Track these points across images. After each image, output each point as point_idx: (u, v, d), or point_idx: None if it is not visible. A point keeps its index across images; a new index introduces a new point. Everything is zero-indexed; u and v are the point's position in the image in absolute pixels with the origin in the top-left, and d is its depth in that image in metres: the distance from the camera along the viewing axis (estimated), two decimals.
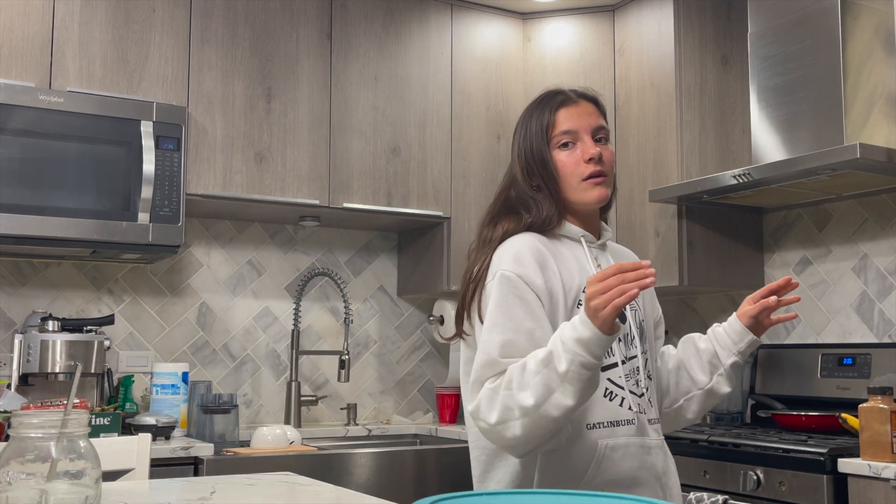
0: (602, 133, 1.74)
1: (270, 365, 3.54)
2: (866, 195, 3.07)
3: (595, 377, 1.47)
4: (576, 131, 1.71)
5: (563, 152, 1.71)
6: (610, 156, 1.73)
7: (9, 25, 2.85)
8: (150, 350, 3.32)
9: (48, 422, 1.13)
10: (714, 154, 3.37)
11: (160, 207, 2.92)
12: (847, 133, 2.74)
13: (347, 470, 2.85)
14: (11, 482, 1.10)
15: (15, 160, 2.74)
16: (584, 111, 1.74)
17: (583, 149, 1.70)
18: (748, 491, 2.54)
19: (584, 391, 1.47)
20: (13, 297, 3.11)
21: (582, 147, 1.71)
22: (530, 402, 1.46)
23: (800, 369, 3.12)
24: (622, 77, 3.57)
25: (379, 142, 3.41)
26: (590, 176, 1.70)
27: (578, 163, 1.70)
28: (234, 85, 3.17)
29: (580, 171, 1.70)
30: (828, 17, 2.83)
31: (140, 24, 3.04)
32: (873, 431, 2.33)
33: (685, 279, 3.26)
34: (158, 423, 2.85)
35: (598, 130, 1.73)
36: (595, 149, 1.70)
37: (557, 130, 1.72)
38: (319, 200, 3.26)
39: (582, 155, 1.70)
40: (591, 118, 1.73)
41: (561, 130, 1.72)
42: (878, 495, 2.27)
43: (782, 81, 2.96)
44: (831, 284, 3.17)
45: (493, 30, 3.68)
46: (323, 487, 1.66)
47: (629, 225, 3.49)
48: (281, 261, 3.60)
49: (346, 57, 3.38)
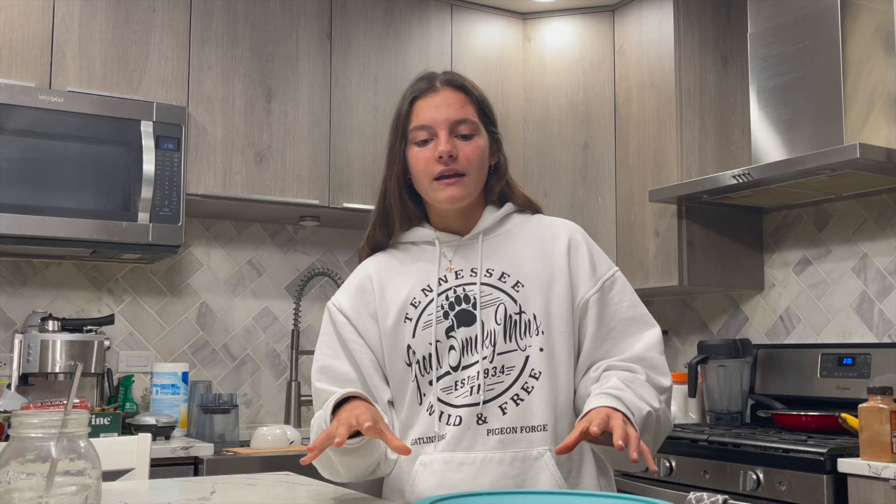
0: (464, 127, 1.57)
1: (270, 365, 3.54)
2: (866, 195, 3.07)
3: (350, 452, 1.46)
4: (431, 126, 1.57)
5: (416, 149, 1.58)
6: (471, 152, 1.57)
7: (9, 25, 2.85)
8: (150, 350, 3.32)
9: (48, 422, 1.12)
10: (714, 154, 3.37)
11: (160, 207, 2.92)
12: (847, 133, 2.74)
13: None
14: (11, 482, 1.10)
15: (15, 160, 2.74)
16: (444, 102, 1.57)
17: (435, 145, 1.56)
18: (748, 491, 2.54)
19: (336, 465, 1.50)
20: (13, 297, 3.11)
21: (435, 143, 1.56)
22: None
23: (800, 369, 3.12)
24: (622, 77, 3.57)
25: (379, 142, 3.41)
26: (440, 176, 1.56)
27: (430, 161, 1.56)
28: (234, 85, 3.17)
29: (430, 170, 1.56)
30: (827, 17, 2.83)
31: (140, 24, 3.04)
32: (873, 431, 2.33)
33: (685, 279, 3.26)
34: (158, 423, 2.85)
35: (459, 124, 1.57)
36: (446, 146, 1.54)
37: (412, 125, 1.59)
38: (319, 200, 3.26)
39: (434, 153, 1.56)
40: (451, 109, 1.57)
41: (415, 125, 1.58)
42: (878, 495, 2.27)
43: (782, 81, 2.97)
44: (831, 284, 3.17)
45: (493, 30, 3.68)
46: (323, 487, 1.66)
47: (629, 225, 3.49)
48: (281, 261, 3.60)
49: (346, 57, 3.38)
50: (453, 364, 1.54)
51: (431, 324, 1.56)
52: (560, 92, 3.67)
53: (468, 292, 1.57)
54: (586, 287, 1.59)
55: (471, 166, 1.57)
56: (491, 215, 1.64)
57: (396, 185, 1.63)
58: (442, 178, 1.56)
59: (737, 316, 3.50)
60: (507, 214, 1.66)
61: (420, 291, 1.59)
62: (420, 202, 1.66)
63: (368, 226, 1.71)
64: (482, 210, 1.64)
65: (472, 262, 1.60)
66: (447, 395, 1.53)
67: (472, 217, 1.64)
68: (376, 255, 1.70)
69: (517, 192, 1.68)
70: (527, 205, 1.68)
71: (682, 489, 2.72)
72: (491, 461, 1.49)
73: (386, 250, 1.69)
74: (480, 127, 1.61)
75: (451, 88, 1.60)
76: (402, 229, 1.66)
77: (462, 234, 1.63)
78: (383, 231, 1.68)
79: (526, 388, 1.52)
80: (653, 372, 1.55)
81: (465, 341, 1.54)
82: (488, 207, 1.65)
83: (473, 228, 1.63)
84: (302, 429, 3.30)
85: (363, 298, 1.64)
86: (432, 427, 1.53)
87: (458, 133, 1.57)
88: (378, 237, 1.69)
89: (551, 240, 1.62)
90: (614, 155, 3.58)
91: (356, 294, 1.65)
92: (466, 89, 1.61)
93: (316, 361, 1.63)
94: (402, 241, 1.67)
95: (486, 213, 1.64)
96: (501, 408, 1.52)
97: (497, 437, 1.50)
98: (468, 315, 1.56)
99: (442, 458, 1.51)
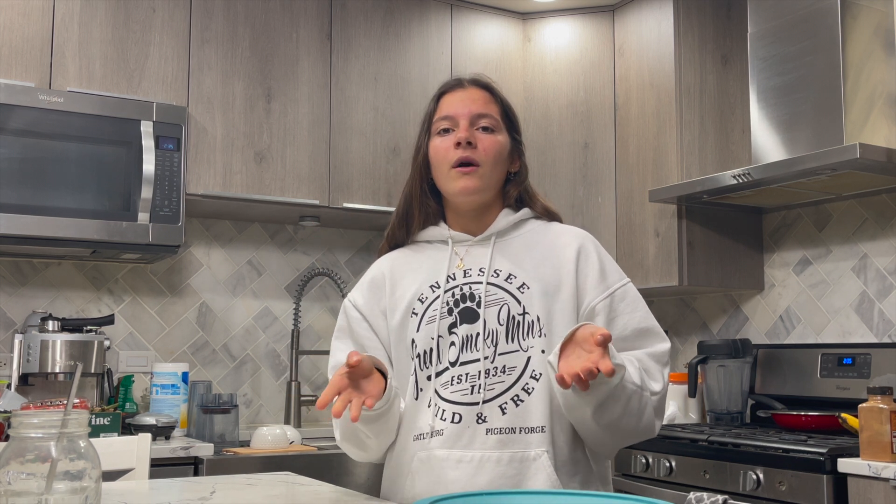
0: (485, 121, 1.61)
1: (270, 365, 3.54)
2: (866, 195, 3.07)
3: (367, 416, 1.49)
4: (454, 116, 1.61)
5: (438, 139, 1.62)
6: (490, 145, 1.59)
7: (9, 25, 2.85)
8: (150, 350, 3.32)
9: (48, 422, 1.12)
10: (714, 154, 3.37)
11: (160, 207, 2.92)
12: (847, 133, 2.74)
13: (347, 470, 2.85)
14: (11, 482, 1.10)
15: (15, 160, 2.74)
16: (469, 97, 1.62)
17: (455, 134, 1.59)
18: (748, 491, 2.54)
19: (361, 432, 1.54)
20: (13, 297, 3.11)
21: (456, 133, 1.60)
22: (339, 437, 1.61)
23: (800, 369, 3.12)
24: (622, 77, 3.57)
25: (379, 142, 3.41)
26: (458, 164, 1.58)
27: (449, 149, 1.59)
28: (234, 85, 3.17)
29: (449, 158, 1.59)
30: (827, 17, 2.83)
31: (140, 24, 3.04)
32: (873, 431, 2.33)
33: (685, 279, 3.26)
34: (158, 423, 2.85)
35: (480, 118, 1.60)
36: (465, 132, 1.58)
37: (437, 116, 1.63)
38: (319, 200, 3.26)
39: (453, 140, 1.59)
40: (475, 104, 1.61)
41: (440, 116, 1.62)
42: (878, 495, 2.27)
43: (782, 81, 2.97)
44: (831, 284, 3.17)
45: (493, 30, 3.68)
46: (323, 487, 1.66)
47: (629, 225, 3.49)
48: (281, 261, 3.60)
49: (346, 57, 3.38)
50: (452, 360, 1.55)
51: (435, 319, 1.57)
52: (560, 92, 3.67)
53: (474, 290, 1.58)
54: (594, 294, 1.59)
55: (487, 158, 1.59)
56: (506, 218, 1.66)
57: (418, 178, 1.66)
58: (459, 165, 1.58)
59: (737, 316, 3.50)
60: (522, 220, 1.67)
61: (428, 288, 1.61)
62: (440, 200, 1.68)
63: (389, 225, 1.73)
64: (498, 213, 1.67)
65: (482, 262, 1.62)
66: (445, 391, 1.54)
67: (488, 219, 1.66)
68: (392, 252, 1.72)
69: (537, 200, 1.70)
70: (545, 213, 1.70)
71: (682, 489, 2.72)
72: (489, 460, 1.50)
73: (401, 248, 1.72)
74: (502, 126, 1.64)
75: (477, 87, 1.65)
76: (420, 227, 1.68)
77: (476, 234, 1.65)
78: (402, 229, 1.70)
79: (526, 389, 1.53)
80: (646, 374, 1.54)
81: (466, 338, 1.55)
82: (504, 210, 1.67)
83: (487, 229, 1.65)
84: (302, 429, 3.30)
85: (375, 295, 1.67)
86: (429, 422, 1.54)
87: (479, 126, 1.61)
88: (398, 235, 1.71)
89: (562, 246, 1.63)
90: (614, 155, 3.58)
91: (369, 290, 1.68)
92: (492, 90, 1.66)
93: (332, 356, 1.67)
94: (418, 239, 1.70)
95: (501, 216, 1.66)
96: (501, 408, 1.52)
97: (496, 436, 1.51)
98: (472, 313, 1.57)
99: (440, 455, 1.52)
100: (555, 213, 1.71)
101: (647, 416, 1.51)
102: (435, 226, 1.68)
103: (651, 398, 1.52)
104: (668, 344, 1.60)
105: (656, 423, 1.54)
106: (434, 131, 1.63)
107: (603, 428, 1.48)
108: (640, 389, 1.48)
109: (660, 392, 1.54)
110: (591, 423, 1.48)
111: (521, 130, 1.70)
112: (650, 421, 1.52)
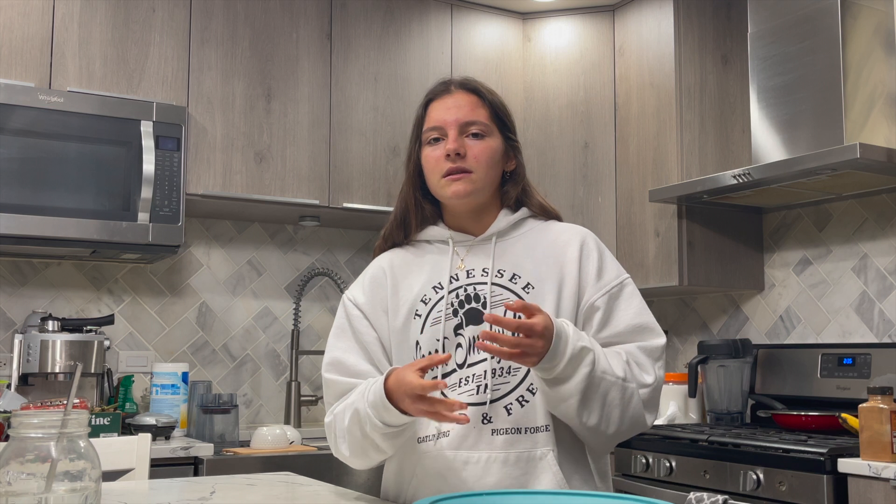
0: (475, 128, 1.61)
1: (270, 365, 3.54)
2: (866, 195, 3.07)
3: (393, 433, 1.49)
4: (442, 126, 1.62)
5: (428, 149, 1.64)
6: (480, 151, 1.60)
7: (9, 25, 2.85)
8: (150, 350, 3.32)
9: (48, 422, 1.12)
10: (714, 154, 3.37)
11: (160, 207, 2.92)
12: (847, 133, 2.74)
13: (347, 470, 2.85)
14: (11, 482, 1.09)
15: (15, 160, 2.74)
16: (456, 104, 1.62)
17: (444, 144, 1.61)
18: (748, 491, 2.54)
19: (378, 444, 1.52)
20: (13, 297, 3.11)
21: (445, 143, 1.61)
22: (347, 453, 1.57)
23: (800, 369, 3.12)
24: (622, 77, 3.57)
25: (379, 142, 3.41)
26: (448, 173, 1.60)
27: (439, 159, 1.61)
28: (234, 85, 3.17)
29: (439, 168, 1.61)
30: (827, 17, 2.83)
31: (140, 24, 3.04)
32: (873, 431, 2.33)
33: (685, 279, 3.26)
34: (158, 423, 2.84)
35: (469, 125, 1.61)
36: (453, 144, 1.59)
37: (426, 126, 1.65)
38: (319, 200, 3.26)
39: (443, 151, 1.61)
40: (462, 111, 1.61)
41: (429, 126, 1.64)
42: (878, 495, 2.27)
43: (782, 81, 2.96)
44: (831, 284, 3.17)
45: (493, 30, 3.68)
46: (323, 487, 1.66)
47: (629, 225, 3.49)
48: (281, 261, 3.60)
49: (346, 57, 3.38)
50: (459, 361, 1.55)
51: (440, 320, 1.57)
52: (560, 92, 3.67)
53: (479, 291, 1.59)
54: (592, 291, 1.59)
55: (478, 164, 1.60)
56: (505, 218, 1.66)
57: (411, 186, 1.68)
58: (448, 174, 1.60)
59: (737, 316, 3.50)
60: (522, 219, 1.68)
61: (431, 289, 1.61)
62: (436, 203, 1.69)
63: (386, 224, 1.73)
64: (497, 213, 1.67)
65: (484, 263, 1.62)
66: (452, 393, 1.54)
67: (487, 219, 1.66)
68: (391, 250, 1.72)
69: (534, 198, 1.70)
70: (542, 211, 1.70)
71: (682, 489, 2.72)
72: (496, 461, 1.51)
73: (401, 246, 1.72)
74: (494, 129, 1.64)
75: (465, 91, 1.64)
76: (418, 228, 1.69)
77: (476, 235, 1.66)
78: (400, 231, 1.71)
79: (531, 389, 1.54)
80: (637, 367, 1.55)
81: (473, 339, 1.56)
82: (503, 210, 1.67)
83: (487, 230, 1.65)
84: (302, 429, 3.30)
85: (376, 292, 1.66)
86: (435, 424, 1.54)
87: (468, 133, 1.61)
88: (395, 236, 1.72)
89: (563, 244, 1.63)
90: (614, 155, 3.58)
91: (370, 287, 1.68)
92: (480, 93, 1.65)
93: (328, 353, 1.66)
94: (417, 238, 1.70)
95: (500, 216, 1.66)
96: (507, 408, 1.53)
97: (502, 437, 1.52)
98: (477, 314, 1.57)
99: (447, 456, 1.52)
100: (552, 211, 1.72)
101: (635, 408, 1.52)
102: (434, 225, 1.68)
103: (639, 391, 1.52)
104: (663, 339, 1.60)
105: (647, 415, 1.54)
106: (424, 141, 1.65)
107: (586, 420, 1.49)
108: (621, 381, 1.49)
109: (651, 385, 1.55)
110: (574, 418, 1.49)
111: (514, 128, 1.69)
112: (638, 413, 1.52)
